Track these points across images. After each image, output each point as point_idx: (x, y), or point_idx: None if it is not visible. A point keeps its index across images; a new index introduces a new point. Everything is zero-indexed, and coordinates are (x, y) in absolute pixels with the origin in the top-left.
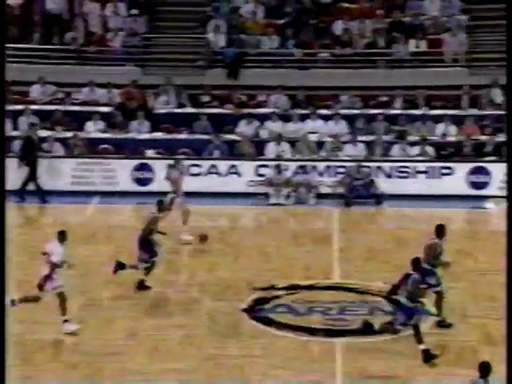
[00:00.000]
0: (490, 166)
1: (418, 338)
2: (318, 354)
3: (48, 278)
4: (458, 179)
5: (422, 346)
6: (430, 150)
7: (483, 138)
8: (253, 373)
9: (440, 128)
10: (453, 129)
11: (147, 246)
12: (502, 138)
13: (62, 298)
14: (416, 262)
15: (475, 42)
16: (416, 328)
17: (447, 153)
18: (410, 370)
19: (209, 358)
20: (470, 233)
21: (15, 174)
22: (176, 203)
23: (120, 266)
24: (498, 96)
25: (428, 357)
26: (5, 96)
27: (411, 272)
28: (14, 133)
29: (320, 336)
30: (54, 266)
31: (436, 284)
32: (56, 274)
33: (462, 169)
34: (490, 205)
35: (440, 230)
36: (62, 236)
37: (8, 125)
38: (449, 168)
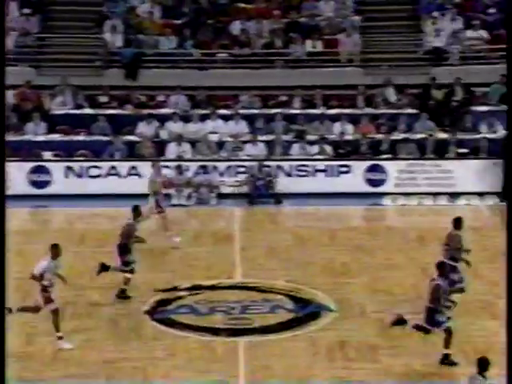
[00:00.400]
0: (385, 164)
1: (447, 341)
2: (222, 353)
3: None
4: (355, 177)
5: (446, 351)
6: (328, 148)
7: (379, 136)
8: (155, 375)
9: (337, 127)
10: (350, 128)
11: (125, 253)
12: (396, 136)
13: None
14: (442, 266)
15: (369, 42)
16: (449, 331)
17: (345, 151)
18: (311, 368)
19: (110, 362)
20: (367, 229)
21: None
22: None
23: (103, 268)
24: (391, 95)
25: (448, 363)
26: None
27: (437, 279)
28: None
29: (223, 336)
30: (32, 278)
31: (459, 280)
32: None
33: (359, 167)
34: (387, 201)
35: (459, 222)
36: (53, 250)
37: None
38: (346, 166)
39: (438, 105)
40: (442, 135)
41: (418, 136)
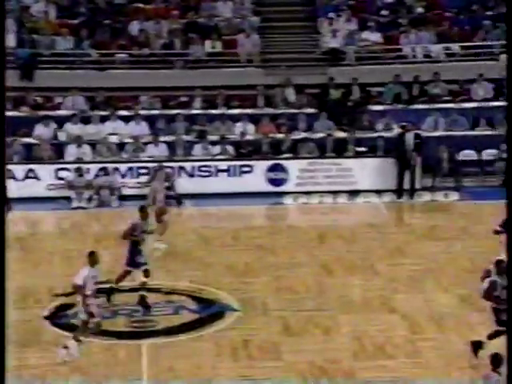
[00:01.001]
0: (286, 163)
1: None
2: (124, 357)
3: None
4: (257, 177)
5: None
6: (230, 148)
7: (279, 135)
8: (55, 381)
9: (238, 127)
10: (251, 127)
11: (136, 253)
12: (296, 135)
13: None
14: (500, 264)
15: (268, 42)
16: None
17: (246, 151)
18: (215, 367)
19: (8, 371)
20: (270, 229)
21: None
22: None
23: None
24: (291, 95)
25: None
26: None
27: (494, 277)
28: None
29: (126, 339)
30: (74, 288)
31: None
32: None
33: (260, 166)
34: (288, 200)
35: None
36: (91, 257)
37: None
38: (248, 166)
39: (336, 104)
40: (341, 134)
41: (318, 135)
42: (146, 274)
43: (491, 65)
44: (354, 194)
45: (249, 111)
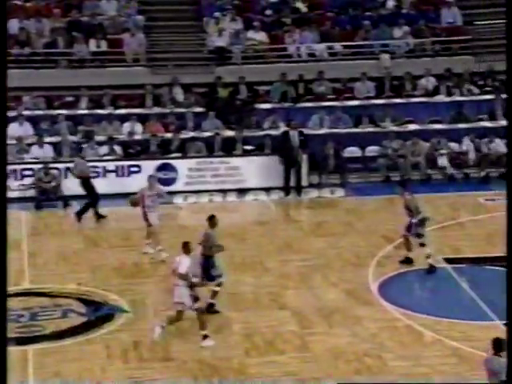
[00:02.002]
0: (175, 163)
1: None
2: (10, 363)
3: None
4: (146, 177)
5: None
6: (117, 148)
7: (168, 135)
8: None
9: (126, 127)
10: (138, 127)
11: (210, 266)
12: (185, 134)
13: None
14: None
15: (154, 42)
16: None
17: (134, 151)
18: (105, 370)
19: None
20: (160, 228)
21: None
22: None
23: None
24: (178, 94)
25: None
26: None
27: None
28: None
29: (12, 345)
30: (180, 277)
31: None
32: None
33: (149, 166)
34: (178, 200)
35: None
36: (186, 247)
37: None
38: (137, 166)
39: (224, 103)
40: (229, 133)
41: (206, 134)
42: (219, 285)
43: (372, 64)
44: (242, 192)
45: (136, 111)
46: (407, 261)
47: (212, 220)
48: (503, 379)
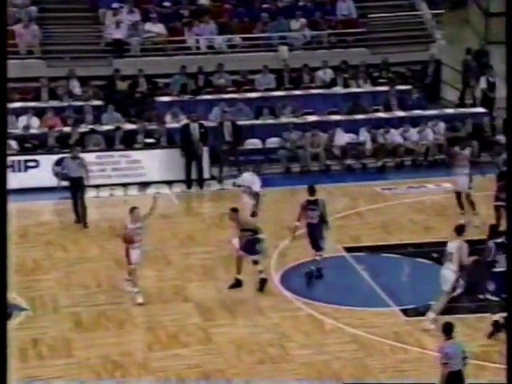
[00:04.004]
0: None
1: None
2: None
3: None
4: (44, 171)
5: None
6: (13, 143)
7: (66, 129)
8: None
9: (22, 121)
10: (35, 121)
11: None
12: (84, 128)
13: None
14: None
15: (48, 33)
16: None
17: (31, 146)
18: None
19: None
20: (59, 224)
21: None
22: None
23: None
24: (75, 87)
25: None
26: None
27: None
28: None
29: None
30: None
31: None
32: None
33: (47, 161)
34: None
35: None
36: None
37: None
38: (34, 161)
39: (123, 96)
40: (129, 126)
41: (106, 127)
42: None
43: (271, 56)
44: (144, 185)
45: (32, 104)
46: (237, 284)
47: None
48: (457, 364)
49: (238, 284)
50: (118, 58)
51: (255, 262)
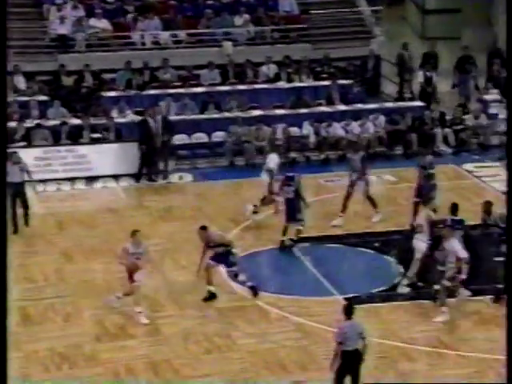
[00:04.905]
0: (21, 152)
1: None
2: None
3: None
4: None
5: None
6: None
7: (12, 124)
8: None
9: None
10: None
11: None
12: (29, 123)
13: None
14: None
15: None
16: None
17: None
18: None
19: None
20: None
21: None
22: None
23: None
24: (21, 82)
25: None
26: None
27: None
28: None
29: None
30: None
31: None
32: None
33: None
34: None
35: None
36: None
37: None
38: None
39: (69, 91)
40: (76, 121)
41: (52, 122)
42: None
43: (215, 51)
44: (91, 180)
45: None
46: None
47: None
48: (352, 344)
49: (212, 296)
50: (63, 53)
51: (236, 275)
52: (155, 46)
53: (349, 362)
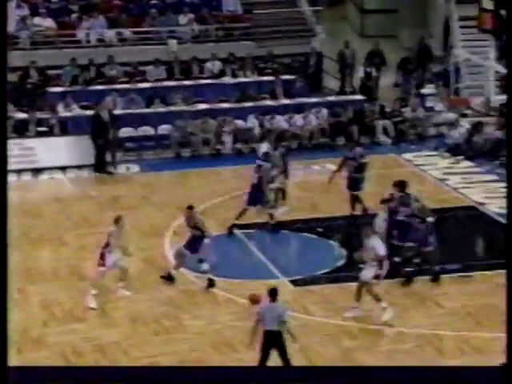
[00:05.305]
0: None
1: None
2: None
3: None
4: None
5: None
6: None
7: None
8: None
9: None
10: None
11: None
12: None
13: None
14: None
15: None
16: None
17: None
18: None
19: None
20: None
21: None
22: None
23: None
24: None
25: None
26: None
27: None
28: None
29: None
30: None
31: None
32: None
33: None
34: None
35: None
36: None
37: None
38: None
39: (14, 87)
40: (22, 115)
41: None
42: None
43: (161, 49)
44: (38, 171)
45: None
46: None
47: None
48: (271, 325)
49: (169, 278)
50: (8, 50)
51: (201, 260)
52: (100, 44)
53: (267, 341)
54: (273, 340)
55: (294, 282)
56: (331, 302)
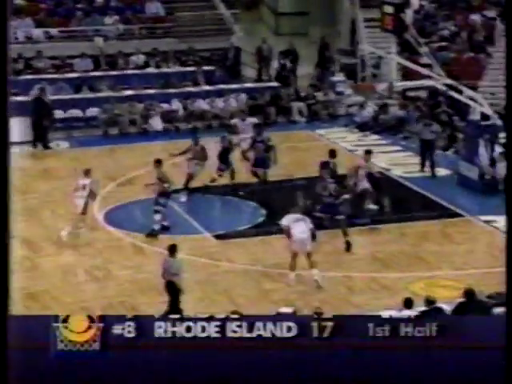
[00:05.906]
0: None
1: None
2: None
3: None
4: None
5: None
6: None
7: None
8: None
9: None
10: None
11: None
12: None
13: None
14: None
15: None
16: None
17: None
18: None
19: None
20: None
21: None
22: None
23: None
24: None
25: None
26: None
27: None
28: None
29: None
30: None
31: None
32: None
33: None
34: None
35: None
36: None
37: None
38: None
39: None
40: None
41: None
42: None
43: (87, 45)
44: None
45: None
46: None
47: None
48: (172, 277)
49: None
50: None
51: (156, 212)
52: (28, 41)
53: (168, 290)
54: (170, 289)
55: (218, 237)
56: (253, 253)
